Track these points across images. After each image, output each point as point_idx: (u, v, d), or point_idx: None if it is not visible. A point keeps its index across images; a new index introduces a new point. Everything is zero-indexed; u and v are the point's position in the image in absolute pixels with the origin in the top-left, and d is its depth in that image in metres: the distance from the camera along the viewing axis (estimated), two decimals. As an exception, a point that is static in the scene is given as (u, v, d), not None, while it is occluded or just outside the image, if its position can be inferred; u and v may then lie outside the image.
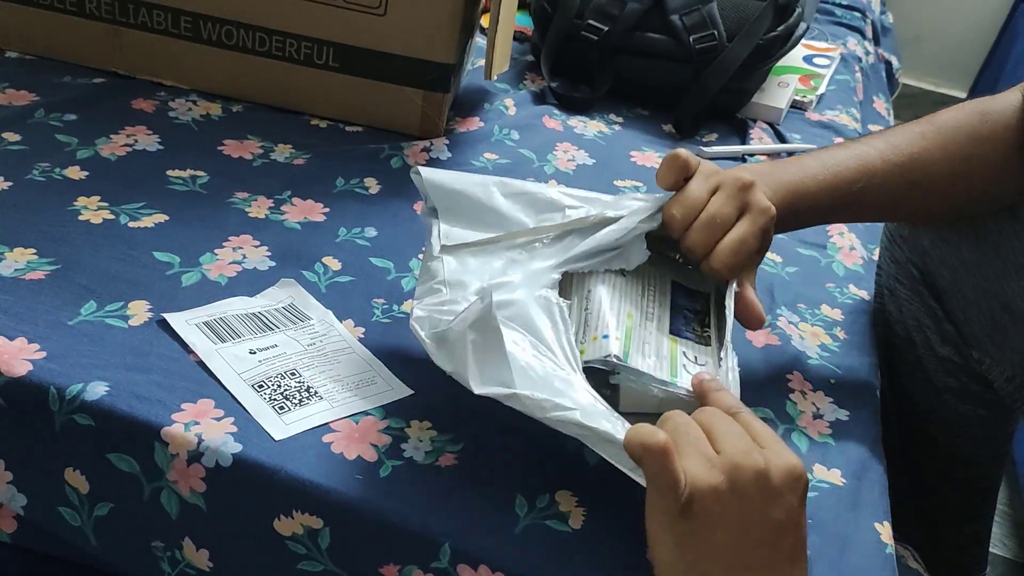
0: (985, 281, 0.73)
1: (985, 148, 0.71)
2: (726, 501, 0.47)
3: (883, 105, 1.43)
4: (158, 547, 0.61)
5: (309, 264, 0.75)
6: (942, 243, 0.77)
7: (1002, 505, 1.30)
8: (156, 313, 0.67)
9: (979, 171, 0.71)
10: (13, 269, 0.68)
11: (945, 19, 2.47)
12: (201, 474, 0.58)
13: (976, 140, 0.70)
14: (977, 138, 0.70)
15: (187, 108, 0.94)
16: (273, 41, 0.92)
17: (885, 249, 0.86)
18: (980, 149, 0.71)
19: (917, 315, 0.81)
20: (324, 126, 0.96)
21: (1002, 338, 0.73)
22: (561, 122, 1.07)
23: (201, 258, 0.74)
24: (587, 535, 0.57)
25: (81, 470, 0.60)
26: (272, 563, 0.59)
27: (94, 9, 0.93)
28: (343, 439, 0.60)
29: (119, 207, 0.77)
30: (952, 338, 0.79)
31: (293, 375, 0.63)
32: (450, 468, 0.60)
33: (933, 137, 0.71)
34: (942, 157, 0.71)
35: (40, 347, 0.62)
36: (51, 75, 0.95)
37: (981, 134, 0.70)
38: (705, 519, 0.48)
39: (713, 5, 1.07)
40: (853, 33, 1.54)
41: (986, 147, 0.70)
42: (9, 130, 0.84)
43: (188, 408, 0.60)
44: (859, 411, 0.72)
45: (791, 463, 0.50)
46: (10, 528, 0.64)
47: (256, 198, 0.82)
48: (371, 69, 0.93)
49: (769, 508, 0.48)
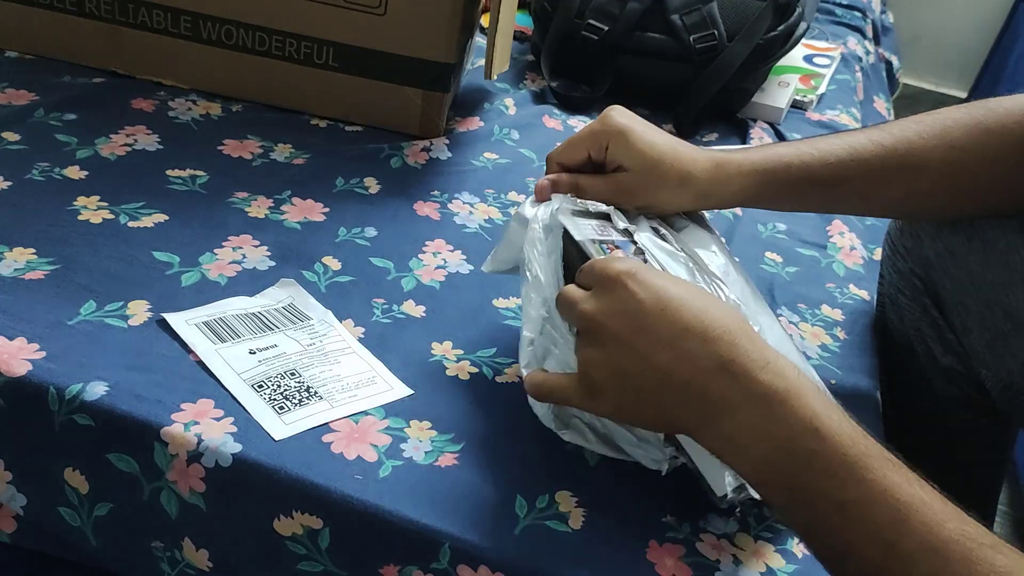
0: (990, 291, 0.72)
1: (987, 140, 0.69)
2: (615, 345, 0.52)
3: (883, 105, 1.43)
4: (158, 547, 0.61)
5: (309, 264, 0.75)
6: (947, 254, 0.76)
7: (1002, 505, 1.30)
8: (156, 313, 0.67)
9: (976, 162, 0.69)
10: (13, 269, 0.68)
11: (945, 19, 2.47)
12: (201, 474, 0.58)
13: (977, 131, 0.69)
14: (979, 129, 0.69)
15: (187, 108, 0.94)
16: (273, 41, 0.92)
17: (887, 259, 0.85)
18: (980, 140, 0.69)
19: (919, 325, 0.81)
20: (324, 126, 0.96)
21: (1002, 346, 0.72)
22: (561, 122, 1.07)
23: (201, 258, 0.73)
24: (587, 535, 0.57)
25: (81, 470, 0.60)
26: (272, 563, 0.59)
27: (94, 8, 0.93)
28: (343, 439, 0.60)
29: (119, 207, 0.77)
30: (955, 348, 0.78)
31: (293, 375, 0.63)
32: (450, 468, 0.60)
33: (930, 124, 0.70)
34: (936, 144, 0.69)
35: (40, 347, 0.62)
36: (50, 75, 0.94)
37: (985, 126, 0.69)
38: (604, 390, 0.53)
39: (713, 5, 1.07)
40: (853, 33, 1.54)
41: (988, 139, 0.69)
42: (9, 130, 0.84)
43: (188, 408, 0.60)
44: (860, 412, 0.72)
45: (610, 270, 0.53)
46: (10, 528, 0.64)
47: (256, 198, 0.82)
48: (371, 69, 0.93)
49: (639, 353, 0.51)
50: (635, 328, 0.51)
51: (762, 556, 0.58)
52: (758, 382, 0.49)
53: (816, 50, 1.34)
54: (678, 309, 0.51)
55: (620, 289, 0.52)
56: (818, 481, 0.47)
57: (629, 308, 0.51)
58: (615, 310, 0.52)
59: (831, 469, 0.47)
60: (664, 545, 0.58)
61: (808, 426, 0.48)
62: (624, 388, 0.52)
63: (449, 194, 0.88)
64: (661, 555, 0.57)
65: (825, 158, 0.69)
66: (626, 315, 0.51)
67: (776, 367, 0.49)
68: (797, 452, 0.48)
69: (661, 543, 0.58)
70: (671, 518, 0.59)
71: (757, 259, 0.89)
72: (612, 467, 0.62)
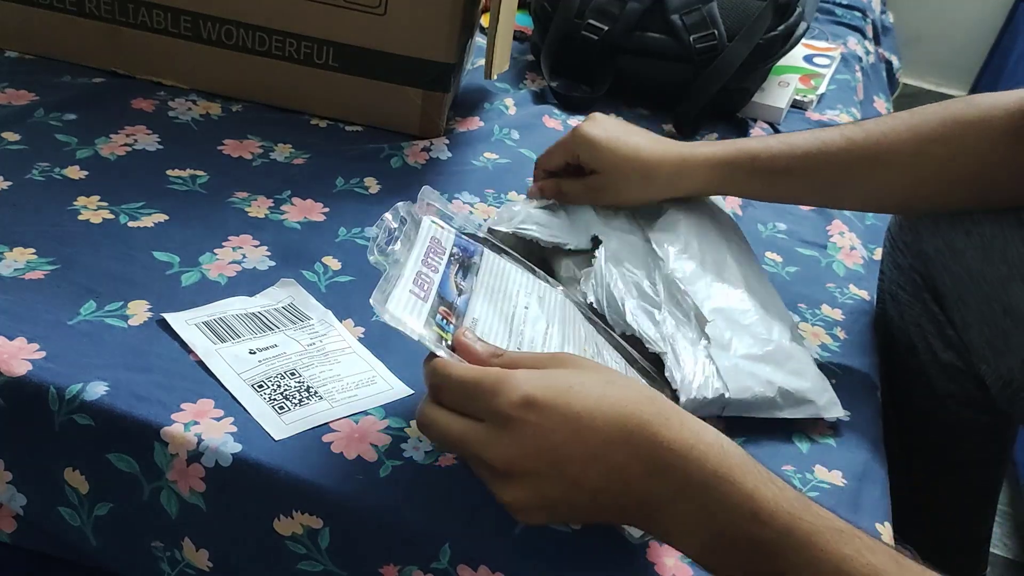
0: (989, 286, 0.72)
1: (963, 131, 0.69)
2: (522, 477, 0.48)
3: (883, 105, 1.43)
4: (158, 547, 0.61)
5: (309, 264, 0.75)
6: (946, 249, 0.76)
7: (1002, 505, 1.30)
8: (156, 313, 0.67)
9: (949, 154, 0.69)
10: (13, 269, 0.68)
11: (945, 19, 2.47)
12: (201, 474, 0.58)
13: (954, 123, 0.69)
14: (956, 122, 0.69)
15: (187, 108, 0.94)
16: (273, 41, 0.92)
17: (888, 255, 0.85)
18: (956, 131, 0.69)
19: (919, 321, 0.81)
20: (324, 126, 0.96)
21: (1002, 343, 0.72)
22: (561, 122, 1.07)
23: (201, 258, 0.73)
24: (587, 535, 0.57)
25: (81, 470, 0.60)
26: (272, 563, 0.59)
27: (93, 9, 0.93)
28: (343, 439, 0.60)
29: (119, 207, 0.77)
30: (955, 344, 0.79)
31: (293, 375, 0.63)
32: (450, 468, 0.60)
33: (906, 118, 0.71)
34: (909, 137, 0.70)
35: (40, 347, 0.62)
36: (50, 75, 0.94)
37: (963, 118, 0.69)
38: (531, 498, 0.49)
39: (713, 5, 1.07)
40: (853, 32, 1.54)
41: (966, 131, 0.69)
42: (9, 130, 0.84)
43: (188, 408, 0.60)
44: (860, 412, 0.72)
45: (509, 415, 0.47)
46: (10, 528, 0.64)
47: (256, 198, 0.82)
48: (371, 69, 0.93)
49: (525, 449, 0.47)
50: (553, 461, 0.47)
51: (762, 556, 0.58)
52: (686, 473, 0.46)
53: (816, 50, 1.34)
54: (591, 422, 0.47)
55: (521, 426, 0.47)
56: (767, 564, 0.45)
57: (541, 445, 0.47)
58: (526, 451, 0.47)
59: (778, 552, 0.45)
60: (664, 545, 0.57)
61: (745, 512, 0.45)
62: (555, 511, 0.50)
63: (449, 194, 0.88)
64: (661, 555, 0.57)
65: (792, 151, 0.73)
66: (539, 452, 0.47)
67: (701, 448, 0.47)
68: (739, 539, 0.46)
69: (661, 543, 0.58)
70: (671, 518, 0.59)
71: (757, 259, 0.89)
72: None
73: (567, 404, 0.47)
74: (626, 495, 0.48)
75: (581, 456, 0.47)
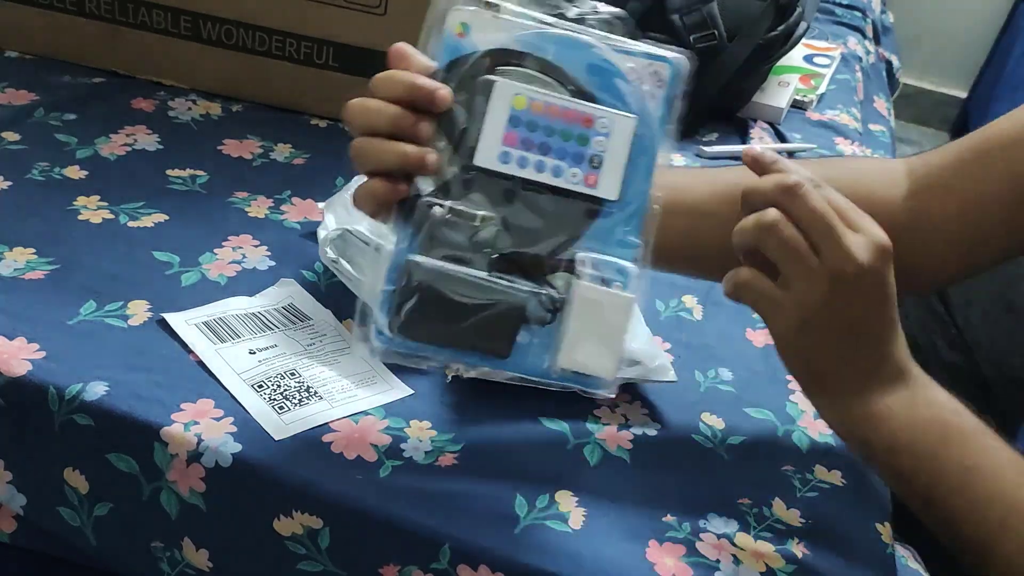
0: (993, 285, 0.72)
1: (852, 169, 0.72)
2: (834, 308, 0.52)
3: (884, 105, 1.43)
4: (158, 547, 0.61)
5: (309, 264, 0.75)
6: None
7: (1002, 505, 1.30)
8: (156, 313, 0.67)
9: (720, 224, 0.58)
10: (13, 269, 0.68)
11: (945, 19, 2.48)
12: (201, 474, 0.58)
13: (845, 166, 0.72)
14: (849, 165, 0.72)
15: (187, 108, 0.94)
16: (273, 41, 0.92)
17: None
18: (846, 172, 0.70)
19: (923, 320, 0.81)
20: (324, 126, 0.96)
21: (1005, 341, 0.72)
22: (561, 122, 1.07)
23: (201, 258, 0.73)
24: (587, 535, 0.57)
25: (81, 470, 0.60)
26: (272, 563, 0.59)
27: (93, 8, 0.93)
28: (343, 439, 0.60)
29: (119, 207, 0.77)
30: (959, 344, 0.79)
31: (293, 375, 0.63)
32: (450, 468, 0.60)
33: (718, 173, 0.69)
34: (708, 192, 0.65)
35: (40, 347, 0.62)
36: (50, 74, 0.94)
37: (859, 162, 0.73)
38: (818, 332, 0.53)
39: (713, 5, 1.07)
40: (853, 32, 1.53)
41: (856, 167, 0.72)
42: (9, 130, 0.84)
43: (188, 408, 0.60)
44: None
45: (880, 242, 0.52)
46: (10, 528, 0.64)
47: (256, 198, 0.82)
48: (371, 69, 0.92)
49: (869, 298, 0.53)
50: (860, 294, 0.53)
51: (762, 556, 0.58)
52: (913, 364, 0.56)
53: (816, 50, 1.34)
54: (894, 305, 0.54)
55: (872, 275, 0.52)
56: (949, 449, 0.53)
57: (865, 282, 0.52)
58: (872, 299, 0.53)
59: (961, 439, 0.54)
60: (664, 545, 0.58)
61: (949, 404, 0.55)
62: (808, 324, 0.53)
63: (449, 194, 0.88)
64: (661, 555, 0.57)
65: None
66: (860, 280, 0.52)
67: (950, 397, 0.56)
68: (934, 428, 0.54)
69: (661, 543, 0.58)
70: (671, 518, 0.59)
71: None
72: (612, 467, 0.62)
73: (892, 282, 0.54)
74: (875, 358, 0.55)
75: (880, 314, 0.54)
